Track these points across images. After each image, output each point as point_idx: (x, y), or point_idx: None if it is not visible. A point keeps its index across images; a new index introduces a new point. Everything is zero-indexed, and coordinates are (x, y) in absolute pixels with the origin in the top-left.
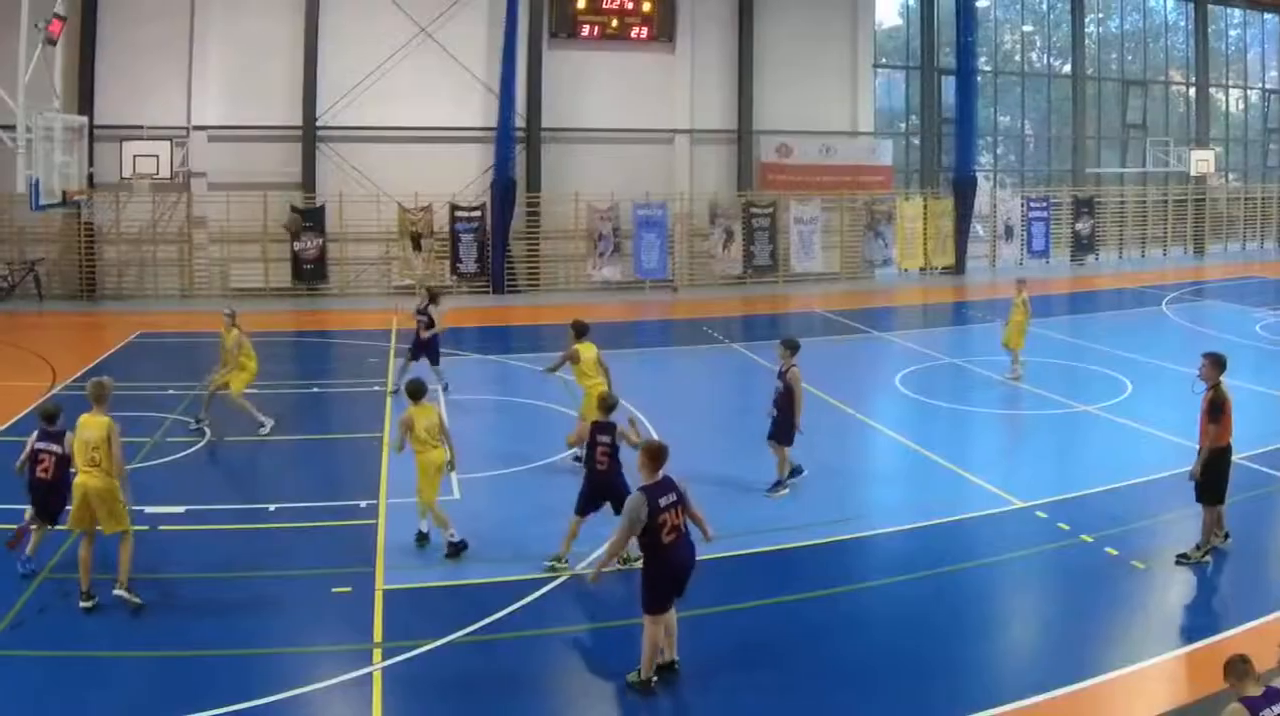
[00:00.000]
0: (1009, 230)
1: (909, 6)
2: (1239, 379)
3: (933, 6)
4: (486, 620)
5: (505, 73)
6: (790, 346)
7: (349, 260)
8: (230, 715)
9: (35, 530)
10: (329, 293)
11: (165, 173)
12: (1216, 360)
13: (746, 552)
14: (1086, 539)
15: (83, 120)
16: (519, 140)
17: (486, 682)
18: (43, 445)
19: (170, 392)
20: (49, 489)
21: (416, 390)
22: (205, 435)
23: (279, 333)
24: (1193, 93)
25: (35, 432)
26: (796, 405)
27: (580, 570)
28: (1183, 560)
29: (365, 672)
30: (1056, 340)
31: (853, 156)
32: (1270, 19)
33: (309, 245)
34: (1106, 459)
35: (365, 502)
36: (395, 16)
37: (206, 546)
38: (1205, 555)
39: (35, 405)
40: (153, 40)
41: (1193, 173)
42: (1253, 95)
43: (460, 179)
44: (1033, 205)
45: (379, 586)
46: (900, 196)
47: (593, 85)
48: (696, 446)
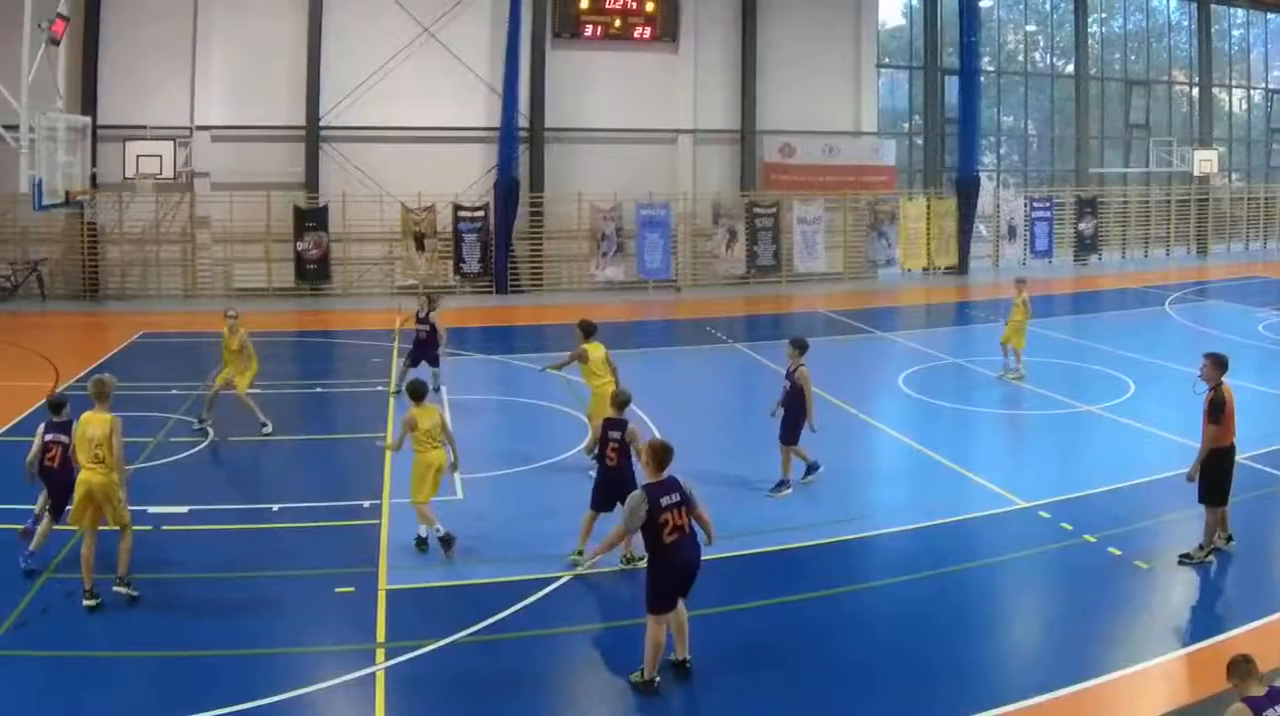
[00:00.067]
0: (1012, 230)
1: (912, 6)
2: (1242, 379)
3: (936, 6)
4: (490, 620)
5: (508, 72)
6: (799, 346)
7: (352, 260)
8: (233, 715)
9: (41, 523)
10: (332, 293)
11: (168, 173)
12: (1218, 360)
13: (750, 553)
14: (1090, 539)
15: (86, 120)
16: (522, 140)
17: (490, 683)
18: (51, 436)
19: (173, 392)
20: (56, 478)
21: (418, 391)
22: (208, 435)
23: (282, 333)
24: (1196, 93)
25: (43, 425)
26: (807, 404)
27: (584, 564)
28: (1185, 560)
29: (368, 673)
30: (1060, 340)
31: (856, 156)
32: (1273, 19)
33: (312, 245)
34: (1110, 459)
35: (368, 503)
36: (398, 16)
37: (209, 546)
38: (1208, 555)
39: (35, 406)
40: (156, 40)
41: (1196, 173)
42: (1256, 95)
43: (463, 179)
44: (1036, 205)
45: (382, 586)
46: (903, 196)
47: (596, 85)
48: (699, 446)
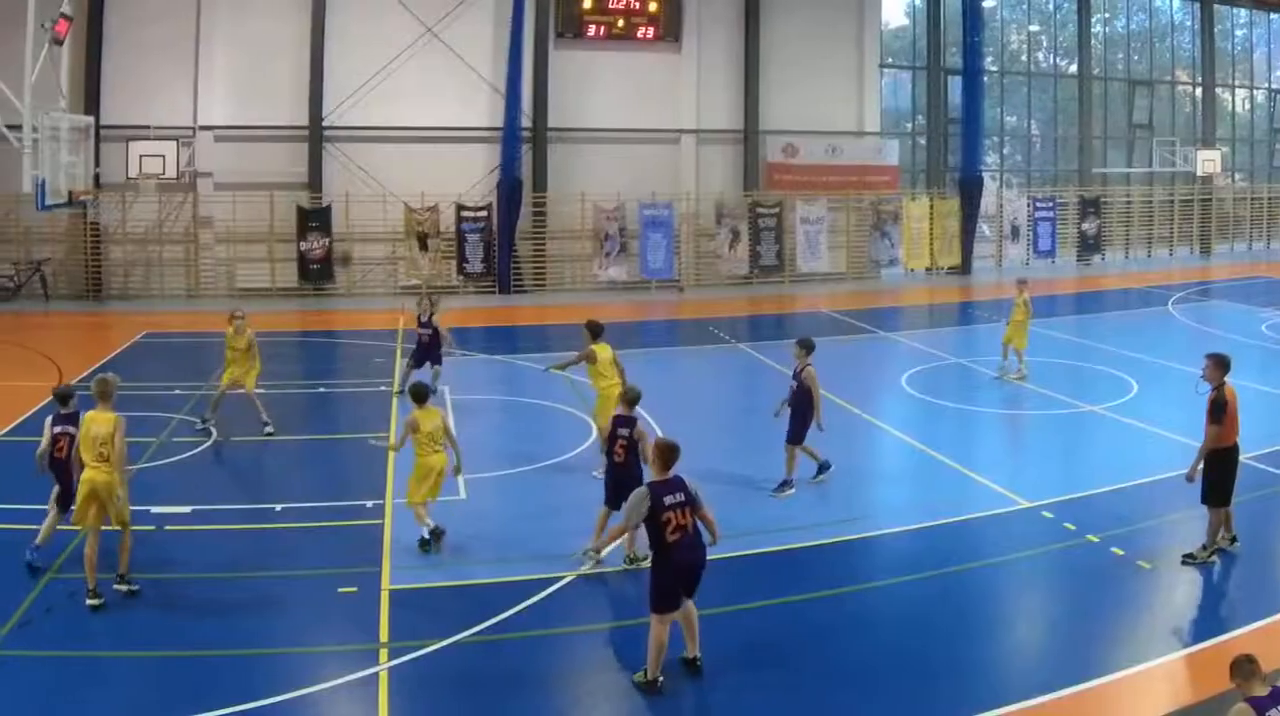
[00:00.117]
0: (1015, 230)
1: (915, 6)
2: (1245, 379)
3: (939, 6)
4: (493, 620)
5: (511, 73)
6: (806, 346)
7: (355, 260)
8: (236, 715)
9: (49, 515)
10: (335, 293)
11: (171, 173)
12: (1220, 361)
13: (752, 553)
14: (1092, 539)
15: (89, 120)
16: (525, 140)
17: (493, 683)
18: (60, 428)
19: (176, 392)
20: (65, 469)
21: (420, 394)
22: (211, 435)
23: (285, 333)
24: (1199, 93)
25: (51, 417)
26: (815, 404)
27: (591, 550)
28: (1189, 560)
29: (371, 673)
30: (1063, 340)
31: (859, 156)
32: (1276, 19)
33: (315, 245)
34: (1112, 459)
35: (371, 503)
36: (401, 16)
37: (212, 546)
38: (1211, 555)
39: (39, 406)
40: (159, 40)
41: (1199, 172)
42: (1259, 95)
43: (466, 179)
44: (1039, 205)
45: (385, 586)
46: (906, 196)
47: (599, 85)
48: (702, 446)
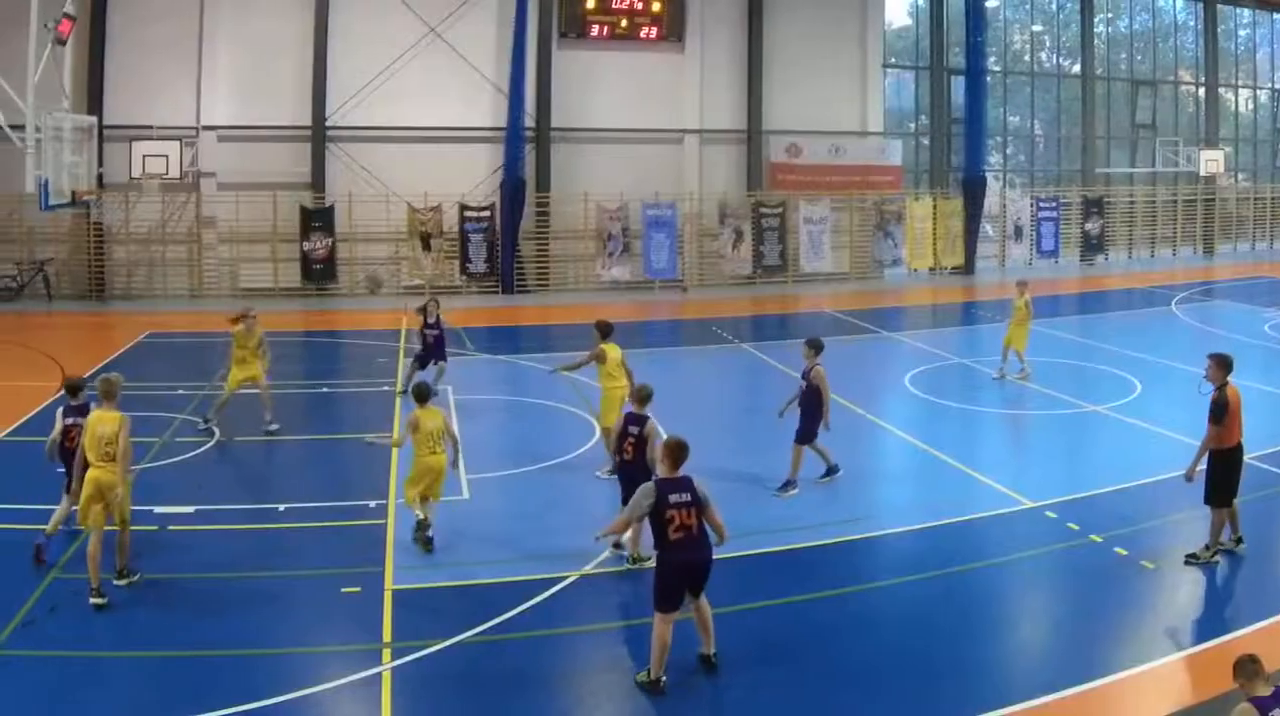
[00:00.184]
0: (1018, 230)
1: (918, 6)
2: (1248, 379)
3: (942, 7)
4: (496, 620)
5: (514, 73)
6: (814, 346)
7: (358, 260)
8: (239, 715)
9: (61, 504)
10: (338, 293)
11: (174, 172)
12: (1222, 361)
13: (756, 552)
14: (1096, 539)
15: (92, 120)
16: (528, 140)
17: (496, 682)
18: (70, 419)
19: (179, 392)
20: (74, 459)
21: (422, 394)
22: (214, 435)
23: (288, 332)
24: (1202, 93)
25: (61, 408)
26: (824, 404)
27: (599, 536)
28: (1192, 560)
29: (374, 672)
30: (1066, 340)
31: (862, 156)
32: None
33: (318, 245)
34: (1116, 459)
35: (374, 503)
36: (405, 16)
37: (216, 546)
38: (1214, 555)
39: (42, 405)
40: (162, 40)
41: (1202, 172)
42: (1262, 95)
43: (469, 179)
44: (1042, 205)
45: (388, 586)
46: (910, 196)
47: (602, 85)
48: (706, 446)
